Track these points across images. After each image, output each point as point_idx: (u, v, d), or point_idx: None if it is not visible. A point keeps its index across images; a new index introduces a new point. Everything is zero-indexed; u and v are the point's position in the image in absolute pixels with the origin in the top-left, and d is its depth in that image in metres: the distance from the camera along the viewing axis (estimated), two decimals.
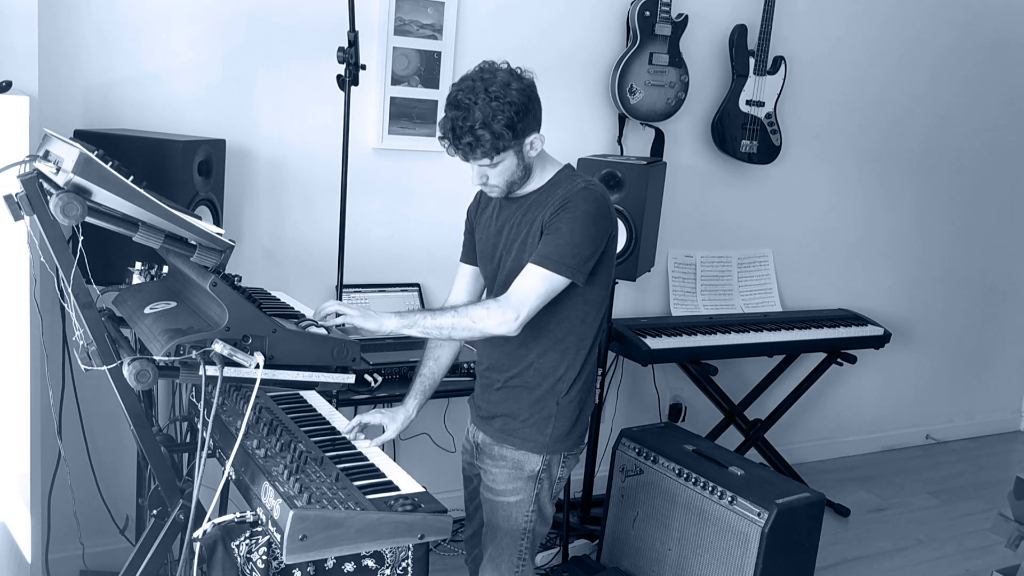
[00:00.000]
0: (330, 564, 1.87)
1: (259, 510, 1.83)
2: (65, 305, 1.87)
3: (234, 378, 1.79)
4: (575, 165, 3.35)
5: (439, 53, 3.29)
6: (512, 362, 2.22)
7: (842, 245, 4.50)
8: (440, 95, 3.32)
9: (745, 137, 3.89)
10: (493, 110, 1.98)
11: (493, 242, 2.24)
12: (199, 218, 1.97)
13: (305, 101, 3.12)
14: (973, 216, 4.92)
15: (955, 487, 4.54)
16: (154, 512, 2.08)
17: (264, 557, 1.88)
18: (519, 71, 2.06)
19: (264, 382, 1.81)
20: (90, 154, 1.74)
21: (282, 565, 1.86)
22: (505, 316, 2.03)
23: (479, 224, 2.31)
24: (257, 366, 1.78)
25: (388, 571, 1.95)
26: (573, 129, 3.65)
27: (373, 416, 2.26)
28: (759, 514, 2.79)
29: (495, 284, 2.25)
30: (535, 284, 2.05)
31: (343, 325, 2.03)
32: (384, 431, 2.28)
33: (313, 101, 3.11)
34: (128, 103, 2.86)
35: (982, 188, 4.91)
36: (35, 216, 1.80)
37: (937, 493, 4.44)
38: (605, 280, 2.19)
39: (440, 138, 2.07)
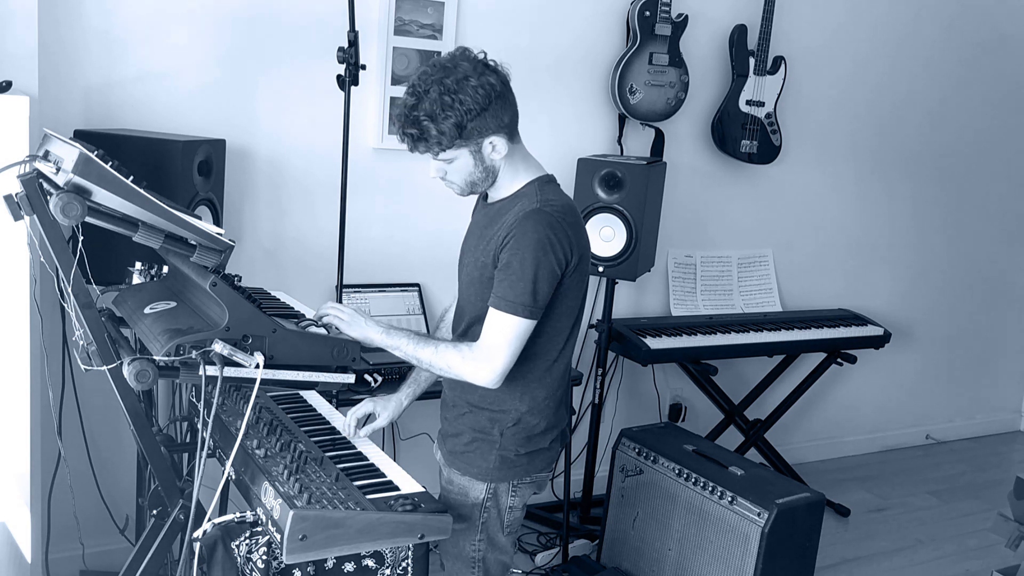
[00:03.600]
0: (330, 564, 1.88)
1: (259, 510, 1.83)
2: (65, 305, 1.87)
3: (234, 378, 1.79)
4: (575, 165, 3.37)
5: (439, 53, 3.29)
6: (460, 384, 2.07)
7: (842, 245, 4.50)
8: None
9: (745, 137, 3.89)
10: (443, 105, 1.85)
11: (464, 247, 2.17)
12: (199, 218, 1.97)
13: (305, 101, 3.11)
14: (973, 216, 4.92)
15: (955, 487, 4.54)
16: (154, 512, 2.08)
17: (264, 557, 1.88)
18: (492, 64, 1.93)
19: (264, 382, 1.81)
20: (90, 154, 1.74)
21: (282, 565, 1.86)
22: (479, 368, 1.93)
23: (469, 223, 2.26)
24: (257, 366, 1.78)
25: (388, 571, 1.95)
26: (573, 129, 3.65)
27: (364, 406, 2.20)
28: (759, 514, 2.78)
29: (460, 291, 2.16)
30: (502, 332, 1.92)
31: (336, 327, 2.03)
32: (376, 419, 2.22)
33: (313, 101, 3.11)
34: (128, 103, 2.86)
35: (982, 188, 4.91)
36: (35, 216, 1.80)
37: (937, 493, 4.44)
38: (565, 311, 2.03)
39: (394, 119, 1.94)
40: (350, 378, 1.94)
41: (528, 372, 2.03)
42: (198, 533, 1.83)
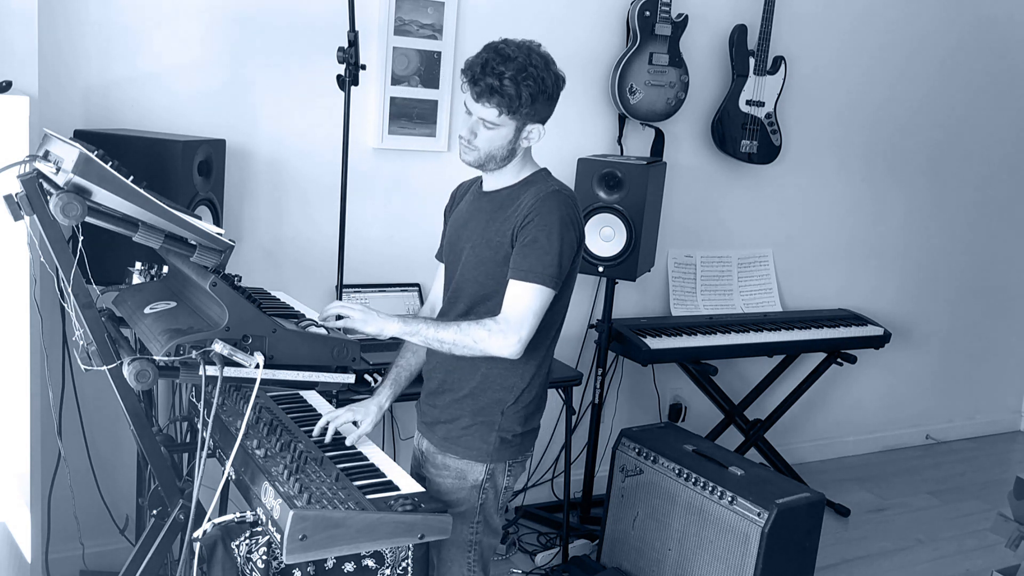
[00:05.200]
0: (330, 564, 1.88)
1: (259, 510, 1.83)
2: (65, 305, 1.87)
3: (234, 378, 1.79)
4: (575, 165, 3.37)
5: (439, 53, 3.29)
6: (460, 368, 2.14)
7: (842, 245, 4.50)
8: (440, 95, 3.32)
9: (745, 137, 3.89)
10: (528, 73, 2.00)
11: (458, 234, 2.20)
12: (199, 218, 1.97)
13: (305, 101, 3.12)
14: (973, 215, 4.92)
15: (955, 487, 4.54)
16: (154, 512, 2.08)
17: (264, 557, 1.88)
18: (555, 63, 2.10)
19: (264, 382, 1.81)
20: (90, 154, 1.74)
21: (282, 565, 1.86)
22: (507, 339, 2.00)
23: (449, 218, 2.29)
24: (257, 366, 1.78)
25: (388, 571, 1.95)
26: (573, 129, 3.65)
27: (344, 417, 2.19)
28: (759, 514, 2.79)
29: (454, 276, 2.19)
30: (528, 302, 2.01)
31: (343, 328, 2.03)
32: (359, 426, 2.20)
33: (313, 101, 3.11)
34: (128, 103, 2.86)
35: (982, 187, 4.91)
36: (35, 216, 1.80)
37: (937, 493, 4.44)
38: (568, 288, 2.14)
39: (464, 70, 2.04)
40: (350, 378, 1.94)
41: (533, 348, 2.09)
42: (198, 533, 1.83)
